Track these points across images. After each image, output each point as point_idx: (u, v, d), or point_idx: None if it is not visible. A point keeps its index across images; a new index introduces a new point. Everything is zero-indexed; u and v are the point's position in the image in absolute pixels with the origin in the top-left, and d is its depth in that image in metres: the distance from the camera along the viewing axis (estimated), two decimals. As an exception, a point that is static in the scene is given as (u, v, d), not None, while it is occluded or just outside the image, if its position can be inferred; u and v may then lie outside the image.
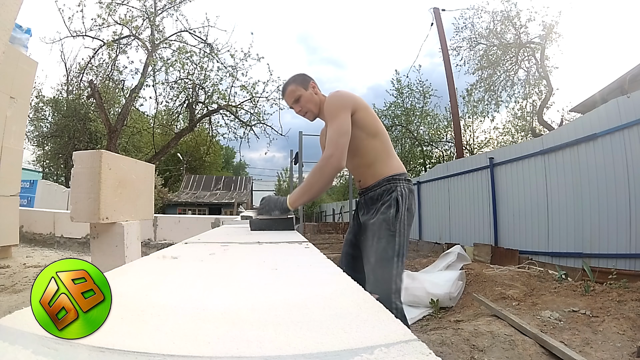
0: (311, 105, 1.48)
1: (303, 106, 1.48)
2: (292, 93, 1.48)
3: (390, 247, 1.28)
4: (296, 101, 1.47)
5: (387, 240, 1.28)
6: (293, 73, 1.58)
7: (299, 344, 0.29)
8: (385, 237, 1.28)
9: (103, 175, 1.71)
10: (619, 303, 2.72)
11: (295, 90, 1.48)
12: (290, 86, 1.49)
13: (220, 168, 28.09)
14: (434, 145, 14.98)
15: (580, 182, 4.08)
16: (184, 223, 5.40)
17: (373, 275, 1.28)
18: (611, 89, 6.96)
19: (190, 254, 0.77)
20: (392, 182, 1.36)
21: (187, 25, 7.85)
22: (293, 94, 1.48)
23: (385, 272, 1.26)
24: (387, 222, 1.30)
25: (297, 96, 1.47)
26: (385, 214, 1.31)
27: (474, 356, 2.12)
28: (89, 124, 12.47)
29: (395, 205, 1.32)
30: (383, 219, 1.31)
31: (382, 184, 1.37)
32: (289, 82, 1.51)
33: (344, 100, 1.34)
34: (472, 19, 10.64)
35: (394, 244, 1.28)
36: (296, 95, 1.47)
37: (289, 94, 1.50)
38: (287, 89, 1.50)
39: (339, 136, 1.27)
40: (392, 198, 1.33)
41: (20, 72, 3.89)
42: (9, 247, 3.94)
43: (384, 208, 1.32)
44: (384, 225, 1.30)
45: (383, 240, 1.28)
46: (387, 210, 1.31)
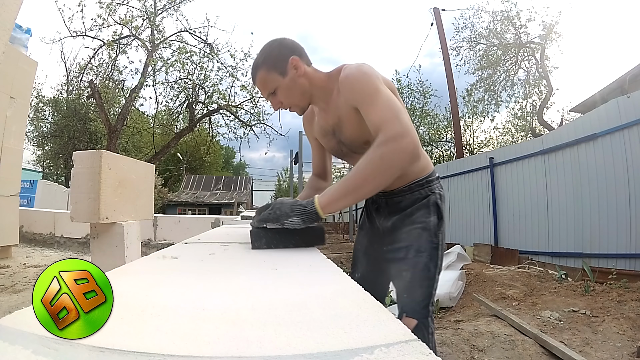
0: (295, 97, 1.04)
1: (283, 100, 1.04)
2: (265, 83, 1.02)
3: (433, 263, 1.03)
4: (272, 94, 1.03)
5: (429, 254, 1.03)
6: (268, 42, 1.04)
7: (299, 344, 0.29)
8: (427, 250, 1.03)
9: (103, 175, 1.71)
10: (619, 303, 2.72)
11: (267, 78, 1.01)
12: (260, 72, 1.02)
13: (220, 168, 28.11)
14: (434, 145, 14.98)
15: (580, 182, 4.08)
16: (184, 223, 5.40)
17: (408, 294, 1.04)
18: (611, 89, 6.96)
19: (190, 254, 0.77)
20: (427, 185, 1.10)
21: (187, 25, 7.86)
22: (266, 85, 1.02)
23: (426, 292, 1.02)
24: (428, 232, 1.05)
25: (272, 88, 1.02)
26: (425, 223, 1.06)
27: (474, 356, 2.12)
28: (89, 124, 12.48)
29: (437, 212, 1.07)
30: (423, 227, 1.05)
31: (413, 188, 1.10)
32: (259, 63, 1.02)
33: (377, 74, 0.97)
34: (472, 19, 10.66)
35: (436, 259, 1.05)
36: (271, 87, 1.02)
37: (261, 83, 1.03)
38: (257, 75, 1.03)
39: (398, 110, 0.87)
40: (430, 202, 1.08)
41: (20, 72, 3.89)
42: (9, 247, 3.94)
43: (421, 215, 1.07)
44: (425, 235, 1.04)
45: (425, 255, 1.03)
46: (426, 218, 1.06)
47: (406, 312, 1.00)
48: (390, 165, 0.82)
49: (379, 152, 0.83)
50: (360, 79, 0.95)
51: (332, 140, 1.14)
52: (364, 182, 0.84)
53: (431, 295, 1.03)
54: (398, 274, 1.07)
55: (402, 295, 1.05)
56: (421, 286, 1.02)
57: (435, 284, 1.05)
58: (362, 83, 0.94)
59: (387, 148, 0.82)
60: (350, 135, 1.05)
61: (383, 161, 0.82)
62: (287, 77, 1.00)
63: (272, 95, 1.04)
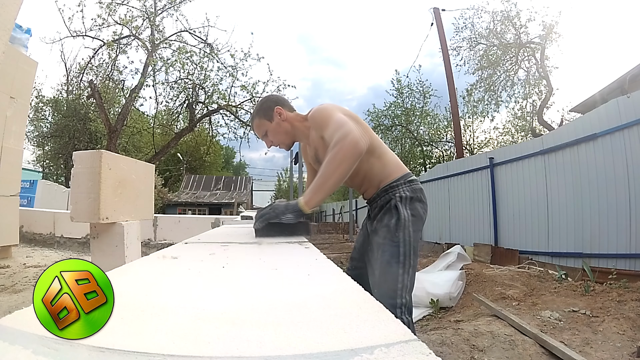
0: (281, 136, 1.37)
1: (272, 139, 1.38)
2: (259, 128, 1.39)
3: (395, 259, 1.17)
4: (265, 135, 1.38)
5: (390, 252, 1.18)
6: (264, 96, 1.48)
7: (299, 344, 0.29)
8: (388, 249, 1.18)
9: (103, 175, 1.71)
10: (619, 303, 2.72)
11: (260, 124, 1.38)
12: (255, 120, 1.40)
13: (220, 168, 28.11)
14: (434, 145, 15.00)
15: (580, 182, 4.08)
16: (184, 223, 5.40)
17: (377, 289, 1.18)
18: (611, 89, 6.96)
19: (190, 254, 0.77)
20: (390, 191, 1.26)
21: (187, 25, 7.86)
22: (259, 129, 1.39)
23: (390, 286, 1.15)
24: (389, 232, 1.20)
25: (264, 131, 1.37)
26: (387, 225, 1.21)
27: (474, 356, 2.12)
28: (89, 124, 12.48)
29: (396, 213, 1.21)
30: (386, 230, 1.21)
31: (380, 194, 1.28)
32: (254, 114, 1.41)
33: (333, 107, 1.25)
34: (472, 19, 10.66)
35: (397, 255, 1.17)
36: (263, 130, 1.37)
37: (256, 128, 1.41)
38: (254, 123, 1.41)
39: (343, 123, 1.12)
40: (392, 206, 1.23)
41: (20, 72, 3.89)
42: (9, 247, 3.94)
43: (386, 218, 1.23)
44: (388, 236, 1.20)
45: (387, 253, 1.18)
46: (388, 220, 1.22)
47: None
48: (342, 159, 1.07)
49: (332, 152, 1.08)
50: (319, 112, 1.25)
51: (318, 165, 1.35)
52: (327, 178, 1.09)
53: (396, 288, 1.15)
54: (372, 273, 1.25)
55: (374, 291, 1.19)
56: (386, 281, 1.16)
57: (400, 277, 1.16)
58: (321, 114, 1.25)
59: (336, 148, 1.08)
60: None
61: (336, 158, 1.07)
62: (274, 122, 1.34)
63: (264, 136, 1.38)
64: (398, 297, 1.14)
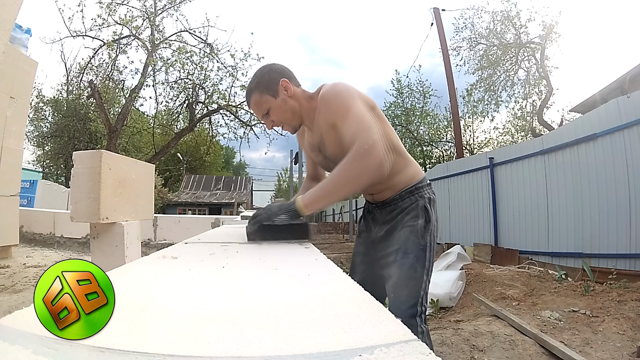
0: (286, 115, 1.13)
1: (275, 119, 1.13)
2: (259, 105, 1.11)
3: (420, 264, 1.08)
4: (266, 114, 1.12)
5: (416, 255, 1.08)
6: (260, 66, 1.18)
7: (299, 344, 0.29)
8: (414, 251, 1.09)
9: (103, 175, 1.71)
10: (619, 303, 2.72)
11: (261, 100, 1.10)
12: (254, 95, 1.11)
13: (220, 168, 28.11)
14: (434, 145, 15.00)
15: (580, 182, 4.08)
16: (184, 223, 5.40)
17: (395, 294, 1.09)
18: (611, 89, 6.96)
19: (190, 254, 0.77)
20: (416, 192, 1.15)
21: (187, 25, 7.86)
22: (259, 106, 1.12)
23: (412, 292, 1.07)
24: (415, 234, 1.11)
25: (266, 109, 1.11)
26: (413, 226, 1.12)
27: (474, 356, 2.12)
28: (89, 124, 12.48)
29: (425, 215, 1.12)
30: (410, 230, 1.11)
31: (404, 196, 1.15)
32: (252, 87, 1.12)
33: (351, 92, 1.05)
34: (472, 19, 10.66)
35: (424, 259, 1.09)
36: (264, 108, 1.11)
37: (254, 105, 1.13)
38: (252, 99, 1.12)
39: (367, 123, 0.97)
40: (419, 207, 1.13)
41: (20, 72, 3.89)
42: (9, 247, 3.94)
43: (410, 219, 1.13)
44: (412, 238, 1.11)
45: (411, 256, 1.09)
46: (414, 221, 1.12)
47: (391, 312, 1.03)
48: (361, 174, 0.93)
49: (352, 162, 0.93)
50: (334, 98, 1.05)
51: (319, 156, 1.24)
52: (339, 188, 0.96)
53: (418, 295, 1.07)
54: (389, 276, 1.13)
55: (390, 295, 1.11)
56: (407, 286, 1.07)
57: (424, 284, 1.08)
58: (336, 101, 1.04)
59: (358, 159, 0.92)
60: (333, 151, 1.13)
61: (355, 170, 0.93)
62: (279, 98, 1.10)
63: (265, 115, 1.13)
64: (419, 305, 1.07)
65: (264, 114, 1.13)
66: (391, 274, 1.11)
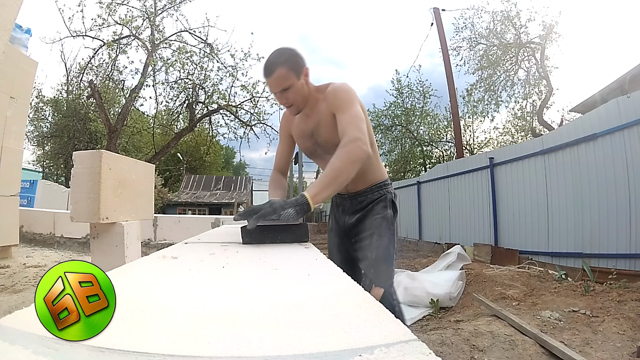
0: (299, 98, 1.23)
1: (290, 98, 1.21)
2: (282, 79, 1.17)
3: (392, 245, 1.29)
4: (285, 90, 1.19)
5: (388, 238, 1.29)
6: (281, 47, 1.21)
7: (299, 344, 0.29)
8: (387, 235, 1.29)
9: (103, 175, 1.71)
10: (619, 303, 2.72)
11: (286, 76, 1.17)
12: (280, 69, 1.16)
13: (220, 168, 28.11)
14: (434, 145, 14.99)
15: (580, 182, 4.08)
16: (184, 223, 5.40)
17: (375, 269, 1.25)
18: (611, 89, 6.96)
19: (190, 254, 0.77)
20: (384, 187, 1.37)
21: (187, 25, 7.86)
22: (283, 81, 1.17)
23: (389, 268, 1.28)
24: (387, 221, 1.31)
25: (288, 85, 1.18)
26: (384, 214, 1.32)
27: (474, 356, 2.12)
28: (89, 124, 12.48)
29: (392, 207, 1.35)
30: (382, 217, 1.31)
31: (374, 189, 1.36)
32: (279, 61, 1.16)
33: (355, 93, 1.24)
34: (472, 19, 10.66)
35: (394, 242, 1.31)
36: (286, 84, 1.18)
37: (277, 78, 1.17)
38: (276, 71, 1.16)
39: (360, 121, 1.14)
40: (387, 199, 1.35)
41: (20, 72, 3.89)
42: (9, 247, 3.94)
43: (380, 208, 1.33)
44: (384, 223, 1.30)
45: (385, 238, 1.28)
46: (384, 211, 1.32)
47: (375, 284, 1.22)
48: (353, 159, 1.06)
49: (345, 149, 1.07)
50: (344, 90, 1.22)
51: (309, 142, 1.36)
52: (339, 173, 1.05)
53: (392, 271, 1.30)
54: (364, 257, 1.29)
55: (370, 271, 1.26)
56: (384, 262, 1.27)
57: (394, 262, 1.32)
58: (344, 94, 1.21)
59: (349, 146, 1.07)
60: (326, 137, 1.28)
61: (348, 156, 1.06)
62: (300, 81, 1.21)
63: (283, 91, 1.20)
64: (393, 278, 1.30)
65: (283, 89, 1.19)
66: (367, 254, 1.28)
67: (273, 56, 1.19)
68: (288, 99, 1.21)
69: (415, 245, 8.14)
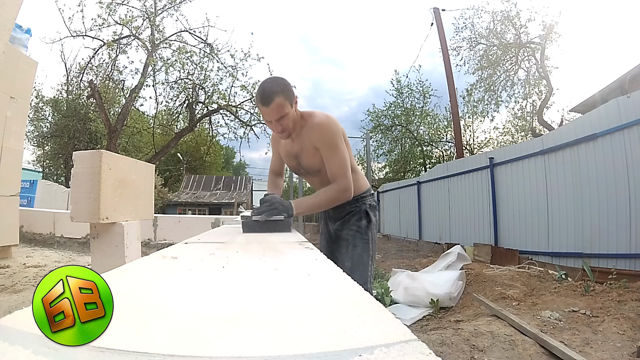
0: (292, 125, 1.32)
1: (284, 126, 1.29)
2: (280, 108, 1.24)
3: (365, 253, 1.44)
4: (282, 117, 1.26)
5: (362, 247, 1.44)
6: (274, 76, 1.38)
7: (299, 344, 0.29)
8: (360, 245, 1.45)
9: (103, 175, 1.71)
10: (619, 303, 2.72)
11: (283, 105, 1.24)
12: (278, 98, 1.23)
13: (220, 168, 28.09)
14: (434, 145, 14.99)
15: (580, 182, 4.08)
16: (184, 223, 5.40)
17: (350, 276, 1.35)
18: (611, 89, 6.95)
19: (190, 254, 0.77)
20: (360, 200, 1.50)
21: (187, 25, 7.85)
22: (280, 110, 1.25)
23: (362, 275, 1.41)
24: (360, 232, 1.46)
25: (284, 114, 1.25)
26: (358, 226, 1.47)
27: (474, 356, 2.12)
28: (89, 124, 12.48)
29: (366, 217, 1.48)
30: (356, 229, 1.47)
31: (351, 202, 1.46)
32: (277, 90, 1.23)
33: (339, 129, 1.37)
34: (472, 19, 10.66)
35: (368, 250, 1.45)
36: (283, 113, 1.25)
37: (275, 107, 1.24)
38: (274, 100, 1.23)
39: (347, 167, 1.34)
40: (361, 211, 1.48)
41: (20, 72, 3.89)
42: (9, 247, 3.94)
43: (355, 220, 1.48)
44: (358, 235, 1.46)
45: (358, 248, 1.44)
46: (358, 222, 1.47)
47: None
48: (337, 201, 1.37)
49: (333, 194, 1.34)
50: (327, 130, 1.34)
51: (294, 162, 1.52)
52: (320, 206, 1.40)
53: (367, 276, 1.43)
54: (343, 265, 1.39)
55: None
56: (358, 270, 1.41)
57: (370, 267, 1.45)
58: (328, 134, 1.34)
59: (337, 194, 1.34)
60: (308, 164, 1.44)
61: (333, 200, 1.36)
62: (293, 109, 1.30)
63: (280, 119, 1.28)
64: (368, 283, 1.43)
65: (280, 116, 1.27)
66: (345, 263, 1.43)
67: (269, 85, 1.26)
68: (282, 126, 1.30)
69: (415, 245, 8.14)
